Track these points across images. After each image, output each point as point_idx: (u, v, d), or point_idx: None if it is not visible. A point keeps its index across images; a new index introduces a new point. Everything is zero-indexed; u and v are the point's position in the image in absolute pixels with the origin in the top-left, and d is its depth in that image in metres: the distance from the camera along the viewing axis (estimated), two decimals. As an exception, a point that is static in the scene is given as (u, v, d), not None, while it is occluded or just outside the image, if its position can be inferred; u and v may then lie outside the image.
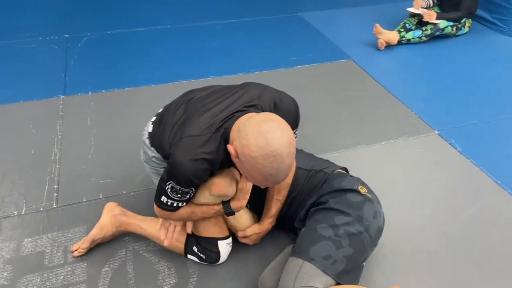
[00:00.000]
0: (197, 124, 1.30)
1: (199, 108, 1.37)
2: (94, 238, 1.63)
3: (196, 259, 1.61)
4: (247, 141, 1.13)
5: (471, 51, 3.40)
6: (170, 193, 1.34)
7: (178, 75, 2.94)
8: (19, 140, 2.27)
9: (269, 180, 1.18)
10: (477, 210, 1.92)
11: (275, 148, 1.11)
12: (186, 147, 1.28)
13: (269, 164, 1.13)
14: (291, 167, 1.20)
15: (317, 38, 3.58)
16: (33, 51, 3.21)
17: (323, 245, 1.37)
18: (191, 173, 1.27)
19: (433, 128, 2.46)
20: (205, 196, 1.41)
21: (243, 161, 1.17)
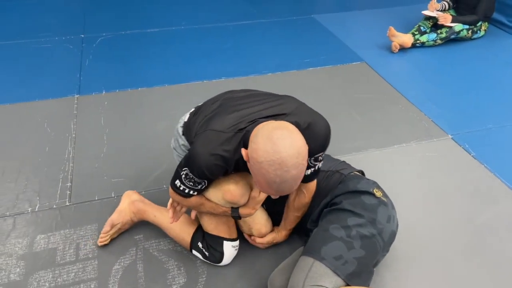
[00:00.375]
0: (223, 121, 1.32)
1: (231, 106, 1.38)
2: (113, 222, 1.68)
3: (200, 256, 1.61)
4: (256, 145, 1.13)
5: (486, 54, 3.36)
6: (184, 179, 1.36)
7: (191, 75, 2.95)
8: (34, 138, 2.31)
9: (272, 187, 1.16)
10: (490, 216, 1.89)
11: (281, 156, 1.10)
12: (207, 139, 1.30)
13: (273, 171, 1.11)
14: (297, 179, 1.16)
15: (330, 40, 3.56)
16: (49, 51, 3.26)
17: (335, 246, 1.36)
18: (205, 165, 1.28)
19: (446, 132, 2.43)
20: (217, 198, 1.43)
21: (251, 165, 1.17)
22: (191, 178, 1.34)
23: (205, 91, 2.76)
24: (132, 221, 1.73)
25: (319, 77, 3.00)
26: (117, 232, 1.71)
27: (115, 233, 1.71)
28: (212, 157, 1.27)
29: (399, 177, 2.09)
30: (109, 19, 3.86)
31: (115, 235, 1.71)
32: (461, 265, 1.67)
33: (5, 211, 1.85)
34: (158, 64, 3.12)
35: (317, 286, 1.28)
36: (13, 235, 1.74)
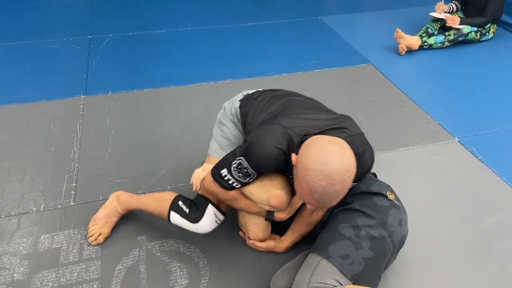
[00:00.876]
0: (292, 121, 1.34)
1: (299, 109, 1.42)
2: (96, 217, 1.71)
3: (178, 216, 1.55)
4: (308, 152, 1.17)
5: (495, 57, 3.32)
6: (234, 170, 1.35)
7: (197, 77, 2.96)
8: (40, 138, 2.32)
9: (314, 197, 1.17)
10: (497, 220, 1.87)
11: (329, 169, 1.13)
12: (273, 132, 1.31)
13: (318, 182, 1.13)
14: (340, 195, 1.18)
15: (336, 42, 3.55)
16: (57, 52, 3.29)
17: (343, 245, 1.35)
18: (265, 156, 1.29)
19: (453, 135, 2.40)
20: (261, 200, 1.42)
21: (298, 171, 1.19)
22: (243, 169, 1.33)
23: (211, 92, 2.77)
24: (118, 212, 1.73)
25: (325, 79, 2.99)
26: (105, 226, 1.70)
27: (103, 228, 1.69)
28: (276, 150, 1.29)
29: (405, 180, 2.07)
30: (116, 20, 3.88)
31: (105, 230, 1.69)
32: (467, 269, 1.65)
33: (10, 211, 1.86)
34: (164, 65, 3.13)
35: (323, 284, 1.27)
36: (18, 234, 1.75)
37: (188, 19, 3.92)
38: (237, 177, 1.36)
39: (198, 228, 1.56)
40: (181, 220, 1.57)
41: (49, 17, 3.92)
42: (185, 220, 1.56)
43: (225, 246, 1.71)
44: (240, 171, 1.34)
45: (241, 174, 1.35)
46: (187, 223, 1.56)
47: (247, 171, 1.34)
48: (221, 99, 1.71)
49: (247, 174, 1.35)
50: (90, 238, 1.68)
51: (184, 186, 2.01)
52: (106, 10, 4.11)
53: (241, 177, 1.36)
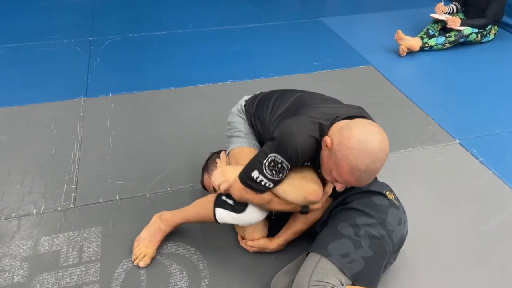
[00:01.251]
0: (316, 112, 1.37)
1: (315, 101, 1.45)
2: (140, 236, 1.66)
3: (225, 210, 1.50)
4: (350, 133, 1.21)
5: (496, 58, 3.32)
6: (265, 168, 1.34)
7: (198, 78, 2.96)
8: (41, 139, 2.32)
9: (355, 175, 1.22)
10: (498, 222, 1.86)
11: (373, 147, 1.19)
12: (303, 123, 1.34)
13: (362, 160, 1.19)
14: (377, 173, 1.24)
15: (337, 43, 3.55)
16: (58, 53, 3.29)
17: (342, 243, 1.35)
18: (300, 146, 1.30)
19: (454, 137, 2.40)
20: (298, 198, 1.41)
21: (336, 151, 1.22)
22: (277, 165, 1.33)
23: (212, 94, 2.77)
24: (162, 230, 1.67)
25: (326, 80, 2.99)
26: (149, 246, 1.64)
27: (148, 248, 1.63)
28: (309, 139, 1.31)
29: (406, 182, 2.07)
30: (117, 22, 3.89)
31: (150, 251, 1.63)
32: (468, 271, 1.64)
33: (10, 213, 1.86)
34: (165, 67, 3.13)
35: (323, 282, 1.27)
36: (18, 236, 1.75)
37: (189, 21, 3.92)
38: (270, 176, 1.35)
39: (246, 218, 1.49)
40: (227, 214, 1.50)
41: (50, 18, 3.93)
42: (231, 213, 1.49)
43: (225, 248, 1.71)
44: (273, 168, 1.34)
45: (274, 171, 1.34)
46: (234, 215, 1.49)
47: (282, 165, 1.33)
48: (221, 101, 1.72)
49: (280, 170, 1.35)
50: (135, 261, 1.62)
51: (185, 188, 2.01)
52: (107, 11, 4.12)
53: (274, 175, 1.35)
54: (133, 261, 1.63)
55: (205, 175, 1.83)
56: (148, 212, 1.79)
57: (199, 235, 1.75)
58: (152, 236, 1.66)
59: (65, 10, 4.12)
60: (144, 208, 1.88)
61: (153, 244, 1.66)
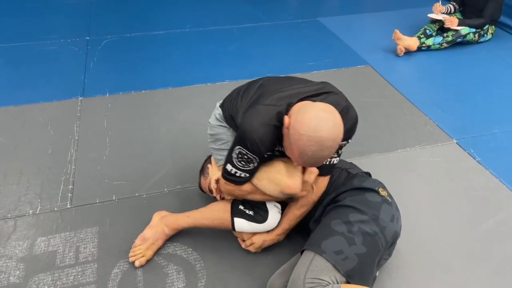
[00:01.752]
0: (273, 97, 1.39)
1: (276, 85, 1.46)
2: (144, 236, 1.65)
3: (244, 220, 1.54)
4: (303, 119, 1.24)
5: (493, 58, 3.32)
6: (235, 160, 1.40)
7: (195, 78, 2.95)
8: (37, 140, 2.31)
9: (302, 158, 1.27)
10: (495, 223, 1.86)
11: (321, 136, 1.22)
12: (258, 113, 1.37)
13: (309, 147, 1.23)
14: (325, 159, 1.29)
15: (335, 43, 3.55)
16: (55, 53, 3.28)
17: (335, 240, 1.35)
18: (257, 136, 1.34)
19: (451, 136, 2.40)
20: (275, 193, 1.45)
21: (290, 134, 1.27)
22: (244, 156, 1.38)
23: (209, 94, 2.76)
24: (165, 234, 1.67)
25: (323, 80, 2.97)
26: (150, 248, 1.64)
27: (148, 250, 1.64)
28: (265, 128, 1.34)
29: (403, 182, 2.07)
30: (114, 21, 3.88)
31: (149, 253, 1.63)
32: (465, 271, 1.64)
33: (6, 213, 1.86)
34: (162, 67, 3.12)
35: (318, 279, 1.27)
36: (14, 237, 1.74)
37: (187, 20, 3.92)
38: (242, 167, 1.41)
39: (268, 226, 1.56)
40: (248, 224, 1.56)
41: (46, 18, 3.91)
42: (252, 223, 1.55)
43: (222, 248, 1.70)
44: (241, 159, 1.39)
45: (243, 162, 1.40)
46: (255, 225, 1.55)
47: (248, 156, 1.38)
48: (219, 101, 1.71)
49: (249, 161, 1.40)
50: (131, 258, 1.61)
51: (182, 188, 2.00)
52: (104, 11, 4.11)
53: (245, 166, 1.41)
54: (128, 258, 1.62)
55: (202, 178, 1.83)
56: (145, 213, 1.78)
57: (196, 235, 1.74)
58: (155, 239, 1.65)
59: (62, 10, 4.11)
60: (141, 209, 1.87)
61: (154, 247, 1.65)
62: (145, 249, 1.63)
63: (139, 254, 1.62)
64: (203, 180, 1.82)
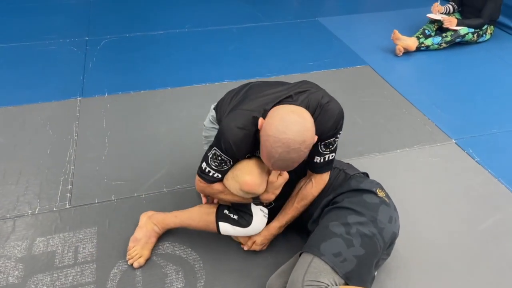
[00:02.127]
0: (252, 103, 1.42)
1: (259, 90, 1.49)
2: (135, 237, 1.65)
3: (229, 225, 1.55)
4: (271, 120, 1.27)
5: (492, 58, 3.32)
6: (210, 160, 1.44)
7: (194, 78, 2.95)
8: (36, 140, 2.31)
9: (270, 161, 1.28)
10: (494, 223, 1.86)
11: (287, 137, 1.22)
12: (236, 116, 1.40)
13: (276, 148, 1.24)
14: (294, 162, 1.28)
15: (334, 43, 3.55)
16: (53, 53, 3.28)
17: (334, 242, 1.35)
18: (232, 139, 1.36)
19: (450, 136, 2.40)
20: (236, 190, 1.45)
21: (260, 135, 1.29)
22: (218, 157, 1.42)
23: (208, 94, 2.76)
24: (156, 232, 1.68)
25: (323, 80, 2.95)
26: (145, 247, 1.64)
27: (144, 249, 1.63)
28: (240, 132, 1.36)
29: (402, 182, 2.07)
30: (113, 21, 3.88)
31: (145, 252, 1.63)
32: (464, 271, 1.64)
33: (5, 213, 1.85)
34: (162, 67, 3.12)
35: (317, 281, 1.27)
36: (13, 237, 1.74)
37: (186, 21, 3.91)
38: (215, 166, 1.45)
39: (252, 230, 1.56)
40: (232, 228, 1.56)
41: (45, 18, 3.91)
42: (236, 227, 1.56)
43: (221, 249, 1.70)
44: (215, 160, 1.43)
45: (217, 162, 1.43)
46: (240, 229, 1.56)
47: (222, 158, 1.42)
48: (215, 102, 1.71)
49: (222, 162, 1.43)
50: (129, 261, 1.61)
51: (181, 188, 2.00)
52: (103, 11, 4.11)
53: (218, 166, 1.45)
54: (127, 261, 1.62)
55: None
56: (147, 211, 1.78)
57: (195, 235, 1.74)
58: (147, 237, 1.66)
59: (61, 10, 4.11)
60: (140, 209, 1.86)
61: (149, 246, 1.65)
62: (141, 249, 1.63)
63: (136, 256, 1.62)
64: None
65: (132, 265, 1.61)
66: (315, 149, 1.48)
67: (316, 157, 1.50)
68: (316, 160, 1.51)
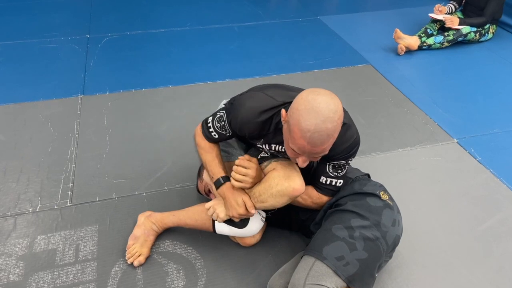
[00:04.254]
0: (277, 92, 1.41)
1: (283, 87, 1.48)
2: (134, 235, 1.66)
3: (224, 224, 1.54)
4: (300, 97, 1.22)
5: (494, 57, 3.32)
6: (216, 119, 1.49)
7: (195, 76, 2.95)
8: (37, 138, 2.31)
9: (305, 138, 1.18)
10: (495, 222, 1.86)
11: (320, 106, 1.16)
12: (257, 98, 1.39)
13: (310, 120, 1.16)
14: (330, 136, 1.19)
15: (335, 42, 3.54)
16: (55, 51, 3.27)
17: (337, 246, 1.35)
18: (240, 117, 1.38)
19: (452, 136, 2.40)
20: (283, 202, 1.44)
21: (289, 119, 1.22)
22: (221, 121, 1.46)
23: (209, 92, 2.76)
24: (154, 230, 1.68)
25: (324, 79, 2.98)
26: (144, 245, 1.64)
27: (143, 247, 1.63)
28: (252, 114, 1.36)
29: (403, 181, 2.07)
30: (114, 19, 3.87)
31: (145, 250, 1.63)
32: (465, 271, 1.64)
33: (6, 211, 1.85)
34: (163, 65, 3.12)
35: (318, 285, 1.27)
36: (14, 235, 1.74)
37: (187, 19, 3.91)
38: (216, 127, 1.49)
39: (247, 232, 1.56)
40: (228, 228, 1.56)
41: (47, 16, 3.90)
42: (232, 228, 1.55)
43: (222, 247, 1.70)
44: (218, 121, 1.48)
45: (219, 124, 1.48)
46: (235, 229, 1.55)
47: (224, 124, 1.46)
48: (219, 99, 1.71)
49: (223, 127, 1.47)
50: (129, 259, 1.60)
51: (182, 186, 2.00)
52: (105, 9, 4.10)
53: (218, 128, 1.49)
54: (127, 260, 1.62)
55: (198, 180, 1.84)
56: (145, 211, 1.78)
57: (196, 234, 1.74)
58: (146, 235, 1.66)
59: (62, 8, 4.10)
60: (141, 207, 1.87)
61: (148, 244, 1.65)
62: (140, 247, 1.63)
63: (135, 254, 1.61)
64: (200, 183, 1.83)
65: (132, 263, 1.61)
66: (322, 168, 1.48)
67: (322, 177, 1.49)
68: (321, 180, 1.49)
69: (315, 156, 1.26)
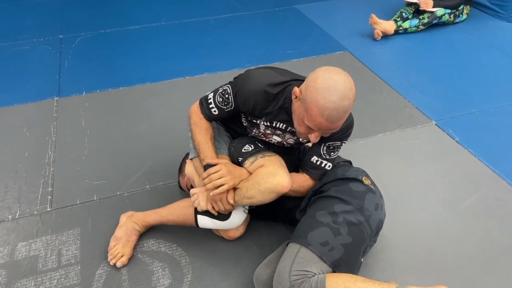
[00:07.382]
0: (282, 71, 1.45)
1: (283, 69, 1.51)
2: (116, 236, 1.64)
3: (207, 217, 1.54)
4: (316, 76, 1.25)
5: (469, 38, 3.35)
6: (218, 94, 1.49)
7: (173, 72, 2.91)
8: (13, 143, 2.26)
9: (324, 115, 1.22)
10: (475, 201, 1.89)
11: (339, 84, 1.21)
12: (266, 72, 1.43)
13: (329, 97, 1.20)
14: (345, 112, 1.25)
15: (312, 31, 3.53)
16: (27, 53, 3.19)
17: (321, 231, 1.36)
18: (248, 89, 1.39)
19: (430, 118, 2.42)
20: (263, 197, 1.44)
21: (305, 96, 1.25)
22: (225, 94, 1.46)
23: (188, 87, 2.73)
24: (137, 230, 1.67)
25: (303, 68, 2.95)
26: (127, 246, 1.62)
27: (125, 248, 1.62)
28: (260, 88, 1.38)
29: (385, 166, 2.08)
30: (88, 18, 3.78)
31: (127, 250, 1.61)
32: (447, 251, 1.67)
33: (-16, 220, 1.82)
34: (139, 62, 3.07)
35: (304, 271, 1.28)
36: (-6, 244, 1.71)
37: (163, 14, 3.85)
38: (217, 102, 1.49)
39: (230, 224, 1.55)
40: (211, 221, 1.55)
41: (18, 18, 3.80)
42: (215, 220, 1.54)
43: (207, 243, 1.70)
44: (222, 96, 1.47)
45: (222, 99, 1.48)
46: (218, 222, 1.54)
47: (228, 98, 1.46)
48: (198, 94, 1.68)
49: (226, 101, 1.47)
50: (112, 260, 1.58)
51: (164, 184, 1.98)
52: (76, 8, 4.00)
53: (220, 103, 1.49)
54: (109, 261, 1.60)
55: (180, 177, 1.82)
56: (128, 211, 1.76)
57: (180, 231, 1.73)
58: (128, 236, 1.64)
59: (32, 9, 3.99)
60: (123, 207, 1.84)
61: (130, 244, 1.64)
62: (122, 247, 1.62)
63: (118, 255, 1.60)
64: (181, 179, 1.81)
65: (115, 265, 1.59)
66: (316, 148, 1.49)
67: (314, 156, 1.51)
68: (313, 159, 1.51)
69: (328, 132, 1.32)
